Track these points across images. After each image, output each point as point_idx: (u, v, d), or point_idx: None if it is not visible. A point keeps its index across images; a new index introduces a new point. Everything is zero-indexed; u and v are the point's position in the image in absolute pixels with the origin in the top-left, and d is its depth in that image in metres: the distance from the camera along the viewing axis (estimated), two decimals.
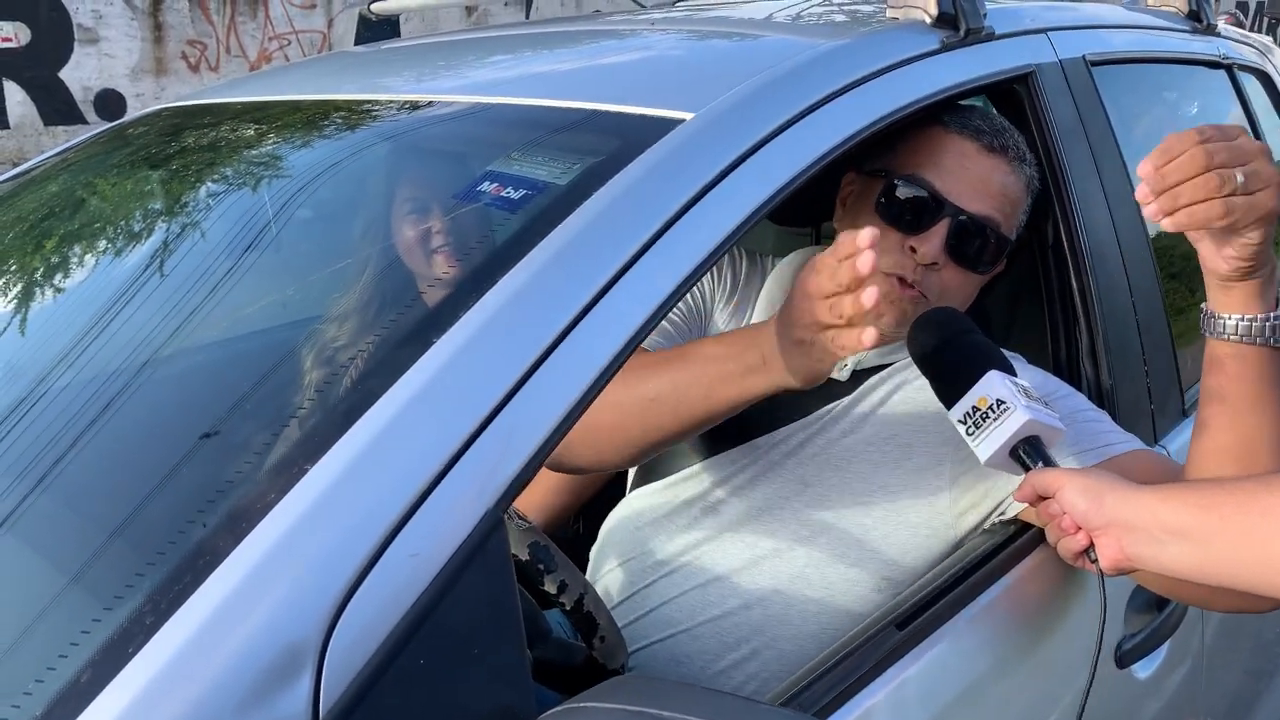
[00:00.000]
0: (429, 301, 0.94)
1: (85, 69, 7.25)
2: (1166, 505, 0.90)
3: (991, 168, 1.23)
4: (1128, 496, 0.92)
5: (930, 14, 1.25)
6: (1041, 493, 0.98)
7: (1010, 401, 1.00)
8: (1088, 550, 0.94)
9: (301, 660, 0.69)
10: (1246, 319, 1.01)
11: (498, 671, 0.77)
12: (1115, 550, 0.92)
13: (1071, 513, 0.94)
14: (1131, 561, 0.92)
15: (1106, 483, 0.94)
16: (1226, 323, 1.02)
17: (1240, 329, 1.01)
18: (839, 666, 1.00)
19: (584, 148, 1.04)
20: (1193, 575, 0.90)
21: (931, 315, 1.16)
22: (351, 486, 0.75)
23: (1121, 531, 0.91)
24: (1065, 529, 0.95)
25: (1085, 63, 1.47)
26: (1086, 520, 0.93)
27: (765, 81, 1.08)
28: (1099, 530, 0.93)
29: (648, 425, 1.11)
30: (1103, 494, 0.93)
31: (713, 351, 1.10)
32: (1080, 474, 0.96)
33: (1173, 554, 0.89)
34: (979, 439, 1.02)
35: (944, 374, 1.08)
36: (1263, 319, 1.01)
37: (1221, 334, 1.03)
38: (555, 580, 1.04)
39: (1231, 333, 1.02)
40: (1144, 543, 0.90)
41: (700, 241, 0.94)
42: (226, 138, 1.44)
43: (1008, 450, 1.01)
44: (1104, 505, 0.92)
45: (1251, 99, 2.03)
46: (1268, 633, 1.84)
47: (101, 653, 0.70)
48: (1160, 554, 0.90)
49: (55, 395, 1.05)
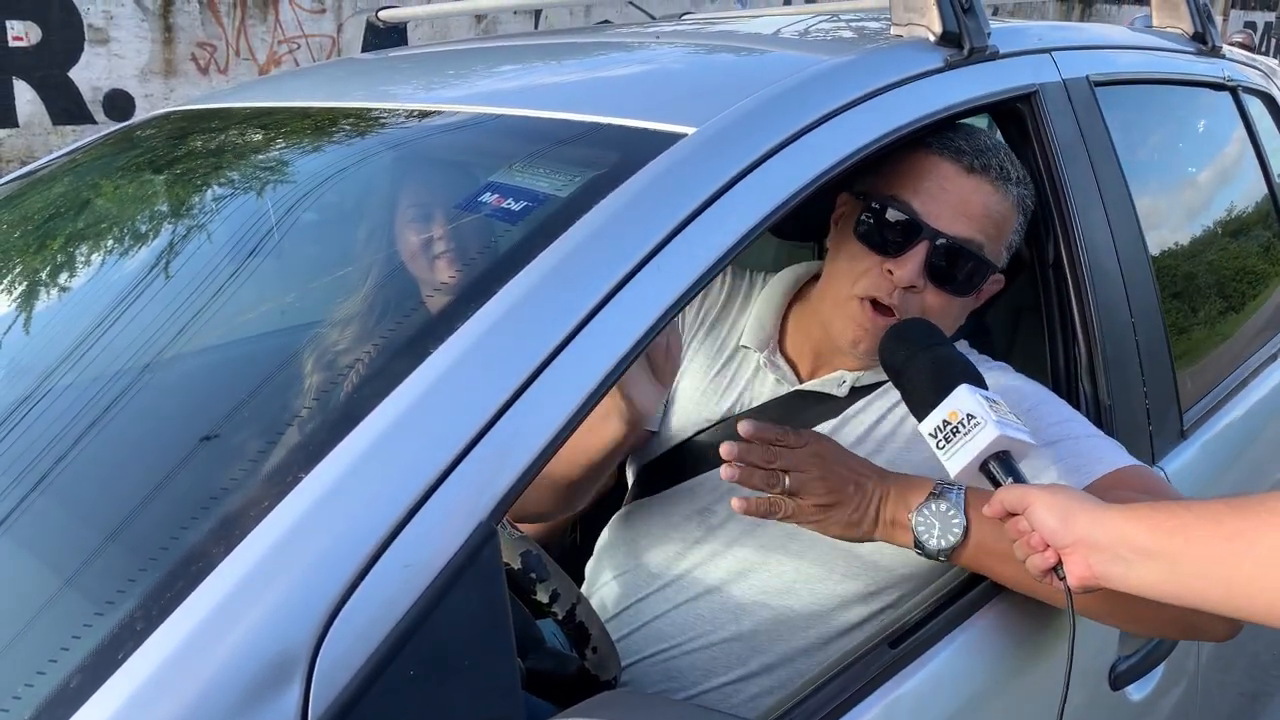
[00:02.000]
0: (428, 311, 0.95)
1: (95, 69, 7.28)
2: (1133, 525, 0.90)
3: (973, 189, 1.22)
4: (1096, 515, 0.92)
5: (935, 32, 1.26)
6: (1010, 509, 0.98)
7: (980, 416, 1.00)
8: (1056, 568, 0.94)
9: (292, 669, 0.69)
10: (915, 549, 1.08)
11: (488, 683, 0.77)
12: (1083, 568, 0.92)
13: (1040, 530, 0.94)
14: (1099, 580, 0.92)
15: (1075, 501, 0.94)
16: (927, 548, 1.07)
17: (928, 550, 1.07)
18: (831, 684, 1.00)
19: (586, 160, 1.05)
20: (1159, 595, 0.90)
21: (903, 327, 1.15)
22: (345, 495, 0.75)
23: (1089, 550, 0.92)
24: (1033, 546, 0.95)
25: (1089, 83, 1.47)
26: (1055, 538, 0.93)
27: (768, 97, 1.09)
28: (1067, 548, 0.93)
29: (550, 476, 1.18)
30: (1071, 512, 0.93)
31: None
32: (1049, 491, 0.96)
33: (1140, 574, 0.90)
34: (949, 453, 1.02)
35: (915, 387, 1.08)
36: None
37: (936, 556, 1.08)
38: (547, 589, 1.04)
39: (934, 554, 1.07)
40: (1111, 562, 0.91)
41: (700, 255, 0.94)
42: (233, 142, 1.45)
43: (978, 465, 1.01)
44: (1072, 524, 0.92)
45: (1255, 121, 2.03)
46: (1264, 655, 1.84)
47: (92, 658, 0.70)
48: (1127, 573, 0.90)
49: (54, 396, 1.05)
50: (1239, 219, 2.01)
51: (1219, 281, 1.89)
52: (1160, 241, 1.65)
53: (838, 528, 1.08)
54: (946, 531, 1.05)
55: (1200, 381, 1.66)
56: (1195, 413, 1.57)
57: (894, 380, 1.12)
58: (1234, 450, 1.66)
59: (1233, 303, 1.94)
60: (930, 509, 1.06)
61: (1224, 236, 1.95)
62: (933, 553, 1.06)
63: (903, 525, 1.07)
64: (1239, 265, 1.99)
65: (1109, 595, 1.03)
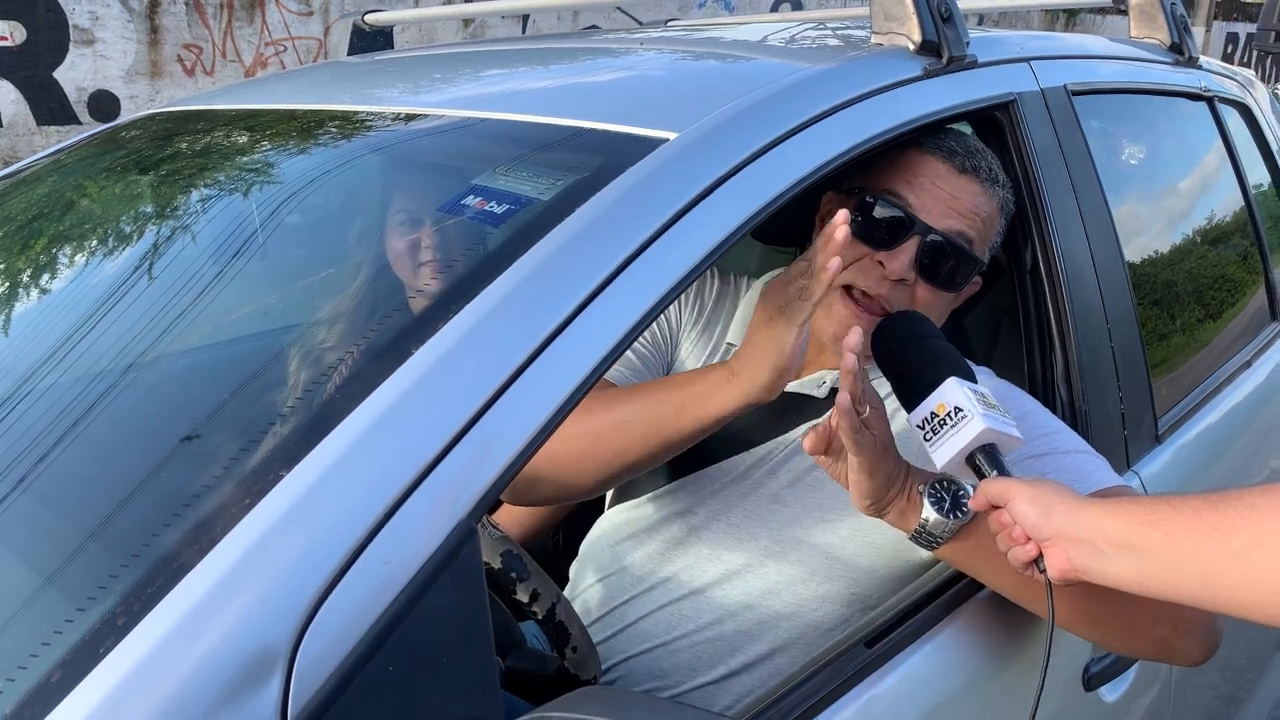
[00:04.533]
0: (409, 312, 0.95)
1: (80, 70, 7.25)
2: (1112, 519, 0.92)
3: (963, 188, 1.25)
4: (1075, 509, 0.94)
5: (914, 41, 1.28)
6: (994, 502, 0.99)
7: (968, 409, 1.01)
8: (1036, 560, 0.96)
9: (271, 664, 0.69)
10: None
11: (467, 680, 0.78)
12: (1062, 561, 0.94)
13: (1021, 523, 0.96)
14: (1078, 573, 0.94)
15: (1056, 494, 0.96)
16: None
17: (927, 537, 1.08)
18: (808, 683, 1.01)
19: (568, 165, 1.06)
20: (1136, 588, 0.92)
21: (895, 319, 1.17)
22: (326, 493, 0.76)
23: (1068, 543, 0.93)
24: (1015, 539, 0.97)
25: (1067, 92, 1.49)
26: (1036, 531, 0.95)
27: (748, 104, 1.10)
28: (1047, 541, 0.95)
29: (617, 449, 1.14)
30: (1051, 505, 0.95)
31: (681, 378, 1.17)
32: (1031, 484, 0.98)
33: (1119, 567, 0.91)
34: (936, 445, 1.03)
35: (904, 378, 1.09)
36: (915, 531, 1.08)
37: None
38: (527, 589, 1.05)
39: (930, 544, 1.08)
40: (1090, 555, 0.92)
41: (680, 259, 0.96)
42: (218, 144, 1.45)
43: (963, 458, 1.02)
44: (1052, 516, 0.94)
45: (1232, 131, 2.06)
46: (1239, 658, 1.86)
47: (73, 653, 0.71)
48: (1106, 566, 0.92)
49: (37, 396, 1.05)
50: (1215, 227, 2.04)
51: (1196, 289, 1.91)
52: (1137, 249, 1.67)
53: (871, 494, 1.05)
54: (957, 507, 1.05)
55: (1176, 387, 1.68)
56: (1170, 418, 1.59)
57: (884, 371, 1.13)
58: (1208, 455, 1.68)
59: (1209, 310, 1.97)
60: (943, 484, 1.07)
61: (1201, 245, 1.98)
62: (938, 526, 1.05)
63: (913, 502, 1.06)
64: (1216, 273, 2.01)
65: (1088, 609, 1.05)
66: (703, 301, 1.42)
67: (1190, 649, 1.10)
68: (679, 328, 1.41)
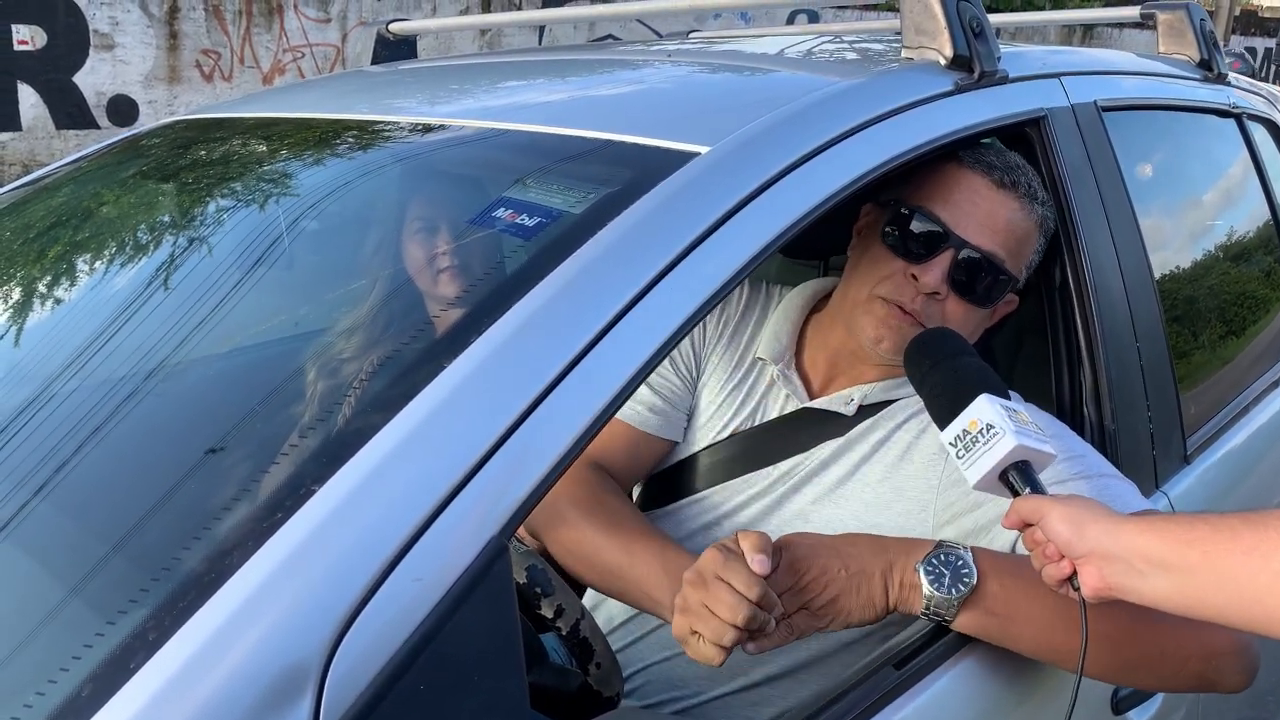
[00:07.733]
0: (441, 325, 0.95)
1: (99, 74, 7.30)
2: (1147, 537, 0.90)
3: (1000, 203, 1.24)
4: (1110, 526, 0.93)
5: (945, 56, 1.27)
6: (1027, 519, 0.98)
7: (1000, 426, 1.00)
8: (1070, 578, 0.95)
9: (303, 682, 0.69)
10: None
11: (497, 699, 0.77)
12: (1096, 579, 0.93)
13: (1055, 540, 0.95)
14: (1112, 591, 0.92)
15: (1090, 512, 0.94)
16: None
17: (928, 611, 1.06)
18: (838, 704, 1.00)
19: (599, 177, 1.05)
20: (1171, 607, 0.90)
21: (928, 336, 1.16)
22: (358, 509, 0.75)
23: (1103, 561, 0.92)
24: (1049, 556, 0.96)
25: (1096, 108, 1.48)
26: (1069, 548, 0.94)
27: (781, 118, 1.09)
28: (1081, 559, 0.94)
29: (607, 587, 1.25)
30: (1085, 523, 0.93)
31: (661, 566, 1.18)
32: (1064, 501, 0.96)
33: (1154, 585, 0.90)
34: (968, 462, 1.02)
35: (937, 395, 1.08)
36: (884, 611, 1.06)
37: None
38: (552, 604, 1.04)
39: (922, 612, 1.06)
40: (1124, 573, 0.91)
41: (713, 273, 0.95)
42: (239, 153, 1.45)
43: (996, 475, 1.01)
44: (1086, 534, 0.93)
45: (1260, 147, 2.04)
46: (1262, 681, 1.83)
47: (104, 667, 0.70)
48: (1141, 585, 0.91)
49: (64, 406, 1.05)
50: (1241, 244, 2.02)
51: (1220, 306, 1.89)
52: (1164, 265, 1.65)
53: (856, 615, 1.04)
54: (958, 580, 1.03)
55: (1202, 406, 1.66)
56: (1198, 438, 1.57)
57: (917, 389, 1.13)
58: (1236, 476, 1.66)
59: (1233, 327, 1.95)
60: (939, 559, 1.04)
61: (1226, 261, 1.96)
62: (943, 604, 1.03)
63: (912, 584, 1.04)
64: (1240, 290, 2.00)
65: (1117, 656, 1.03)
66: (729, 314, 1.41)
67: (1228, 678, 1.08)
68: (703, 346, 1.40)
